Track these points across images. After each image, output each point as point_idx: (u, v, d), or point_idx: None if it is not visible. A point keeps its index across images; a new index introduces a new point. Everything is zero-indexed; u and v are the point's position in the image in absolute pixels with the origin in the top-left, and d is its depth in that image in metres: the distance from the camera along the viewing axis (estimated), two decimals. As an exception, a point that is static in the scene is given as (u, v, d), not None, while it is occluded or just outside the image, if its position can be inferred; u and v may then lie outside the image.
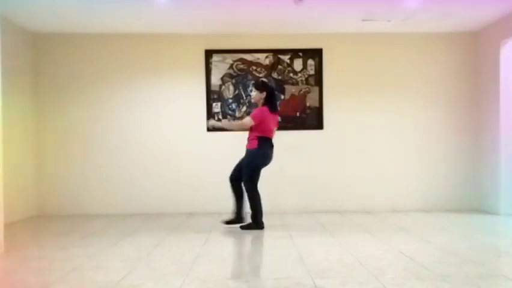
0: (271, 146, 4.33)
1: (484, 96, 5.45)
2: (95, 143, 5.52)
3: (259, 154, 4.26)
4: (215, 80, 5.54)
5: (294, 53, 5.57)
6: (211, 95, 5.53)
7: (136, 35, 5.51)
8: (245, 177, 4.29)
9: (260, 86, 4.34)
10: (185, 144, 5.54)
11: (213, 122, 4.70)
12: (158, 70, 5.54)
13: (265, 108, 4.27)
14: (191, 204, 5.52)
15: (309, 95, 5.55)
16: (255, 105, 5.49)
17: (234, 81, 5.55)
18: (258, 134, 4.24)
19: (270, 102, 4.31)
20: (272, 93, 4.35)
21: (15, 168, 4.95)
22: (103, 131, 5.52)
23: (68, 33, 5.47)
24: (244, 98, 5.56)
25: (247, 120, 4.26)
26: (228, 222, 4.40)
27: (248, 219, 4.37)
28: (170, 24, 5.21)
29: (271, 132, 4.33)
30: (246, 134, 4.29)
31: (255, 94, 4.37)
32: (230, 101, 5.55)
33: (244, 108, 5.55)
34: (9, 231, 3.95)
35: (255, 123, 4.22)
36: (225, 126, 4.61)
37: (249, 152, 4.31)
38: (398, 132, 5.61)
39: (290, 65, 5.57)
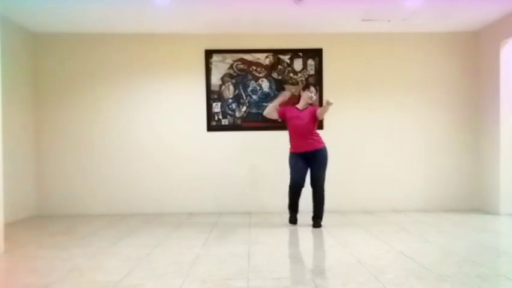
0: None
1: (484, 96, 5.45)
2: (95, 142, 5.52)
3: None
4: (215, 80, 5.54)
5: (294, 53, 5.57)
6: (211, 95, 5.53)
7: (136, 35, 5.51)
8: (324, 179, 4.34)
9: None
10: (185, 144, 5.54)
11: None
12: (158, 70, 5.54)
13: None
14: (191, 204, 5.52)
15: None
16: (255, 105, 5.54)
17: (234, 81, 5.55)
18: (317, 131, 4.45)
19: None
20: None
21: (16, 169, 4.95)
22: (103, 131, 5.52)
23: (68, 33, 5.47)
24: (244, 98, 5.55)
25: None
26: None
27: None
28: (170, 24, 5.21)
29: None
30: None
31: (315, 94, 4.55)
32: (230, 101, 5.54)
33: (244, 108, 5.54)
34: (9, 231, 3.95)
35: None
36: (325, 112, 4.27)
37: (323, 152, 4.36)
38: (398, 132, 5.61)
39: (290, 65, 5.57)
